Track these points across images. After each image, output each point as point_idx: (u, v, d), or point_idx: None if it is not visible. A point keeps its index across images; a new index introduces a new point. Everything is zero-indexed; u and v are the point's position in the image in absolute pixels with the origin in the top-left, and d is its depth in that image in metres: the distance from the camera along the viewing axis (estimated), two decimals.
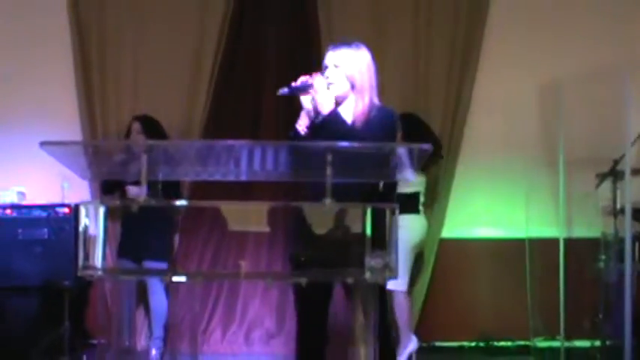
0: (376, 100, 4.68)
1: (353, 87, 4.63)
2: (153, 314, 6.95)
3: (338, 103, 4.61)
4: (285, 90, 4.55)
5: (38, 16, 7.65)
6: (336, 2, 7.57)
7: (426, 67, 7.60)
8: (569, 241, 7.15)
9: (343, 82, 4.63)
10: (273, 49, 7.88)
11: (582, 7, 7.74)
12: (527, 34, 7.70)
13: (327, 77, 4.60)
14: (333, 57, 4.65)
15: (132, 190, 6.52)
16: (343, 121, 4.54)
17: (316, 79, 4.54)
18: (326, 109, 4.51)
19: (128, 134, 6.91)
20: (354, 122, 4.57)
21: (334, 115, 4.53)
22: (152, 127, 6.87)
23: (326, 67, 4.66)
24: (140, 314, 7.28)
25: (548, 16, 7.72)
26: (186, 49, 7.56)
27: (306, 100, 4.58)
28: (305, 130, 4.59)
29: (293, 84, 4.55)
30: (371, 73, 4.69)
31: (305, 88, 4.54)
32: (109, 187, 6.74)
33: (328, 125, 4.50)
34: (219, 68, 7.54)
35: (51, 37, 7.64)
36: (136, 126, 6.85)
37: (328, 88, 4.56)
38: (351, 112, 4.61)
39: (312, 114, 4.58)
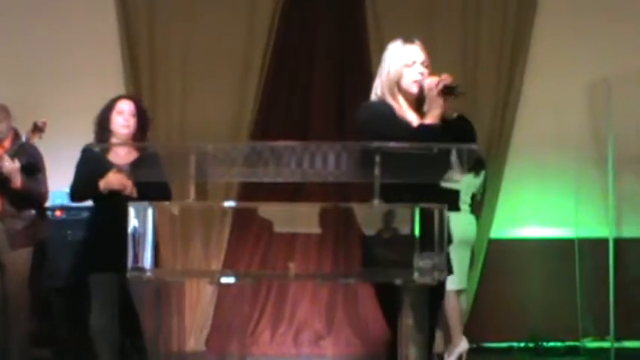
0: None
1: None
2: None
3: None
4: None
5: (87, 19, 7.70)
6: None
7: (475, 65, 7.61)
8: (619, 241, 7.09)
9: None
10: (322, 46, 7.85)
11: (632, 5, 7.66)
12: (576, 31, 7.63)
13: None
14: (422, 54, 4.35)
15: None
16: None
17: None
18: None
19: (109, 112, 5.71)
20: None
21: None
22: (143, 113, 5.82)
23: (414, 62, 4.28)
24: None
25: (597, 13, 7.65)
26: (235, 47, 7.59)
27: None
28: None
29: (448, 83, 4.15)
30: None
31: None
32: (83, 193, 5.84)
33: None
34: (267, 66, 7.58)
35: (100, 38, 7.68)
36: (131, 107, 5.73)
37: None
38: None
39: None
